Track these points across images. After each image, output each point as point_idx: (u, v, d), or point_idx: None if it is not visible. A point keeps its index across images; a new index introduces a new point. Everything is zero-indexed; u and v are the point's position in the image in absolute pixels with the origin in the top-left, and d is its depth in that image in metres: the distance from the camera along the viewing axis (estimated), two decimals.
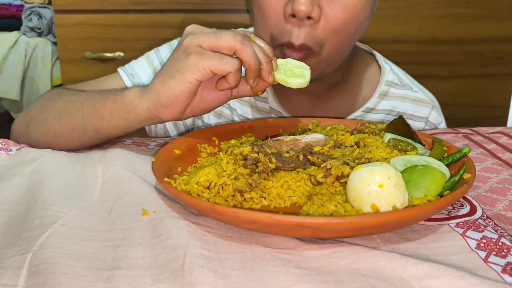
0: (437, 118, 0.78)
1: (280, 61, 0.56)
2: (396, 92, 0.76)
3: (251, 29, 0.83)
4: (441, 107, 0.83)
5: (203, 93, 0.55)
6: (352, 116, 0.75)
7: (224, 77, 0.52)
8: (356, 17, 0.60)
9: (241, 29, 0.86)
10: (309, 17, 0.58)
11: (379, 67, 0.77)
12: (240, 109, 0.79)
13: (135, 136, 0.71)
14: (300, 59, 0.60)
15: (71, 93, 0.66)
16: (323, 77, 0.68)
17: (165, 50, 0.81)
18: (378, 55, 0.79)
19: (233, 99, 0.58)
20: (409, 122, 0.65)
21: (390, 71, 0.77)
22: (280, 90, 0.78)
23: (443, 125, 0.80)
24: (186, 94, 0.51)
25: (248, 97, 0.80)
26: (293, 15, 0.58)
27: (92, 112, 0.59)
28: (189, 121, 0.83)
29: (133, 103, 0.55)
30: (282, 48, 0.63)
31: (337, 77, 0.74)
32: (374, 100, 0.74)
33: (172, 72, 0.51)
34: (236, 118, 0.80)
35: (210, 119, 0.81)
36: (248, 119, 0.79)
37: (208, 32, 0.51)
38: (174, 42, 0.83)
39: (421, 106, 0.76)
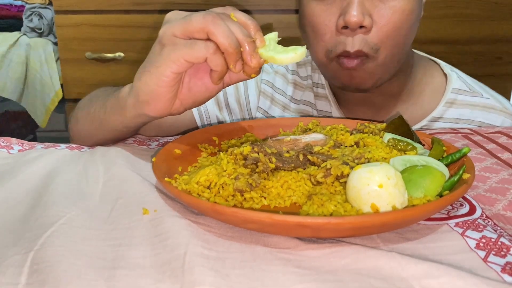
0: (508, 124, 0.74)
1: (270, 35, 0.51)
2: (465, 99, 0.74)
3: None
4: None
5: (190, 84, 0.52)
6: (418, 126, 0.73)
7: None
8: (406, 21, 0.62)
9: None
10: (361, 26, 0.60)
11: (445, 75, 0.76)
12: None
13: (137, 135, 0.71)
14: (357, 66, 0.62)
15: (95, 98, 0.68)
16: (382, 83, 0.68)
17: None
18: (442, 64, 0.78)
19: (226, 87, 0.55)
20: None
21: (457, 78, 0.76)
22: (342, 102, 0.78)
23: None
24: (164, 88, 0.49)
25: (311, 108, 0.82)
26: (346, 27, 0.60)
27: (101, 105, 0.61)
28: (246, 115, 0.84)
29: (124, 99, 0.55)
30: (338, 59, 0.64)
31: (398, 87, 0.74)
32: (440, 109, 0.73)
33: (149, 66, 0.49)
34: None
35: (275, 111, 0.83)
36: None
37: (185, 15, 0.48)
38: None
39: (491, 114, 0.73)
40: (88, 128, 0.66)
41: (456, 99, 0.73)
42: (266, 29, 0.64)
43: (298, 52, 0.49)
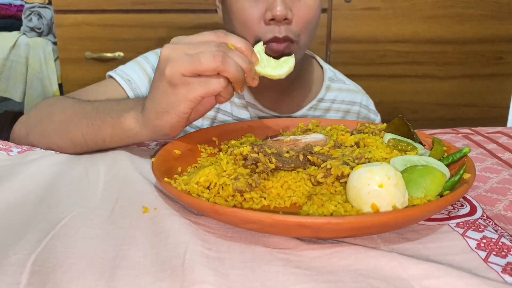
0: (367, 101, 0.98)
1: (258, 47, 0.56)
2: (336, 86, 0.95)
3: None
4: (440, 107, 0.87)
5: (197, 107, 0.56)
6: (309, 105, 0.90)
7: None
8: (316, 14, 0.77)
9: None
10: (285, 19, 0.72)
11: (321, 67, 0.96)
12: (222, 107, 0.87)
13: None
14: (285, 49, 0.73)
15: (69, 106, 0.67)
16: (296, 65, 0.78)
17: (152, 57, 0.85)
18: (318, 58, 0.97)
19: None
20: (347, 107, 0.93)
21: (329, 69, 0.96)
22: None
23: (373, 105, 0.99)
24: (183, 121, 0.54)
25: None
26: (272, 19, 0.72)
27: (92, 133, 0.61)
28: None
29: (134, 131, 0.57)
30: (267, 44, 0.72)
31: (294, 74, 0.85)
32: (322, 92, 0.92)
33: (166, 107, 0.52)
34: (221, 116, 0.87)
35: (197, 121, 0.84)
36: (231, 114, 0.86)
37: (185, 51, 0.51)
38: (158, 51, 0.86)
39: (354, 94, 0.96)
40: (67, 148, 0.65)
41: (331, 85, 0.94)
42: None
43: (290, 64, 0.56)
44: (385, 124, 0.61)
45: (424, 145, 0.58)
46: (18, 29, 2.10)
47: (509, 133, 0.73)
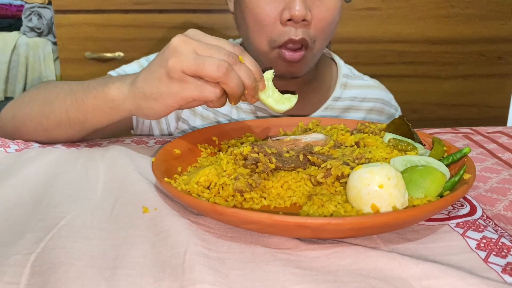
0: (387, 95, 0.93)
1: (267, 74, 0.55)
2: (354, 82, 0.89)
3: (238, 40, 0.88)
4: (440, 107, 0.87)
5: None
6: (324, 105, 0.85)
7: None
8: (336, 17, 0.72)
9: (235, 41, 0.87)
10: (303, 20, 0.68)
11: (335, 63, 0.91)
12: (228, 112, 0.83)
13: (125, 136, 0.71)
14: (300, 59, 0.70)
15: (54, 86, 0.66)
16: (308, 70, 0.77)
17: None
18: (334, 55, 0.92)
19: None
20: (369, 104, 0.88)
21: (344, 66, 0.90)
22: None
23: (393, 100, 0.94)
24: (168, 112, 0.54)
25: None
26: (290, 19, 0.67)
27: (75, 107, 0.60)
28: (173, 125, 0.83)
29: (116, 102, 0.56)
30: (280, 50, 0.70)
31: (310, 76, 0.84)
32: (338, 90, 0.86)
33: (155, 94, 0.52)
34: (221, 119, 0.84)
35: (196, 122, 0.83)
36: (233, 119, 0.83)
37: (195, 49, 0.50)
38: None
39: (375, 90, 0.91)
40: (52, 129, 0.64)
41: (347, 82, 0.88)
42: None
43: (292, 104, 0.56)
44: (385, 124, 0.61)
45: (424, 145, 0.58)
46: (18, 29, 2.10)
47: (509, 133, 0.73)
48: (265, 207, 0.46)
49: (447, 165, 0.51)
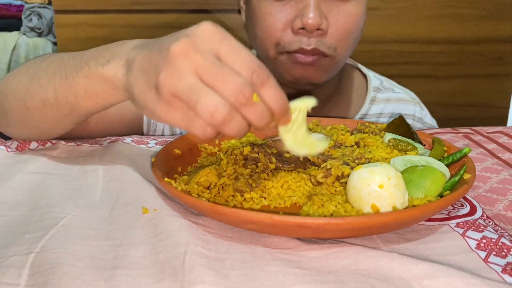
0: (421, 112, 0.84)
1: (306, 102, 0.41)
2: (381, 96, 0.81)
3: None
4: (440, 107, 0.88)
5: None
6: None
7: None
8: (358, 24, 0.65)
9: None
10: (318, 29, 0.61)
11: (363, 75, 0.82)
12: None
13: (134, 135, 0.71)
14: (313, 62, 0.63)
15: (45, 58, 0.56)
16: (330, 79, 0.70)
17: None
18: (359, 65, 0.84)
19: None
20: None
21: (374, 78, 0.82)
22: None
23: (428, 116, 0.85)
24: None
25: None
26: (302, 28, 0.61)
27: (65, 86, 0.50)
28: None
29: (110, 85, 0.46)
30: (289, 55, 0.64)
31: (331, 89, 0.77)
32: (366, 106, 0.79)
33: (141, 102, 0.41)
34: None
35: None
36: None
37: (197, 70, 0.37)
38: None
39: (405, 105, 0.82)
40: (36, 110, 0.54)
41: (376, 97, 0.80)
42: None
43: (315, 150, 0.42)
44: (385, 124, 0.61)
45: (424, 145, 0.58)
46: (18, 29, 2.10)
47: (509, 133, 0.73)
48: (265, 207, 0.46)
49: (447, 165, 0.51)
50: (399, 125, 0.59)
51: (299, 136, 0.41)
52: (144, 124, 0.78)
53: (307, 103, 0.41)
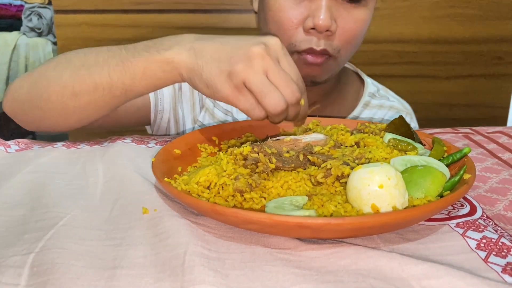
0: (410, 122, 0.85)
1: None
2: (375, 102, 0.85)
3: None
4: (440, 107, 0.88)
5: None
6: None
7: None
8: (364, 30, 0.70)
9: None
10: (327, 30, 0.65)
11: (361, 80, 0.87)
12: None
13: (135, 134, 0.71)
14: (322, 63, 0.68)
15: (88, 51, 0.61)
16: (330, 78, 0.75)
17: None
18: (359, 70, 0.89)
19: None
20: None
21: (372, 84, 0.87)
22: None
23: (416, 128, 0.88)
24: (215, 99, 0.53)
25: None
26: (313, 28, 0.66)
27: (121, 70, 0.56)
28: (188, 124, 0.83)
29: (172, 65, 0.53)
30: (300, 54, 0.68)
31: (330, 86, 0.81)
32: (358, 109, 0.83)
33: (209, 82, 0.51)
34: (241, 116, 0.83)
35: (214, 117, 0.82)
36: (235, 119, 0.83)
37: (267, 70, 0.49)
38: None
39: (396, 113, 0.85)
40: (84, 94, 0.58)
41: (370, 102, 0.84)
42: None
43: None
44: (385, 124, 0.61)
45: (424, 145, 0.58)
46: (18, 29, 2.10)
47: (509, 133, 0.73)
48: (265, 207, 0.46)
49: (447, 165, 0.51)
50: (399, 125, 0.59)
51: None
52: (151, 112, 0.80)
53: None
